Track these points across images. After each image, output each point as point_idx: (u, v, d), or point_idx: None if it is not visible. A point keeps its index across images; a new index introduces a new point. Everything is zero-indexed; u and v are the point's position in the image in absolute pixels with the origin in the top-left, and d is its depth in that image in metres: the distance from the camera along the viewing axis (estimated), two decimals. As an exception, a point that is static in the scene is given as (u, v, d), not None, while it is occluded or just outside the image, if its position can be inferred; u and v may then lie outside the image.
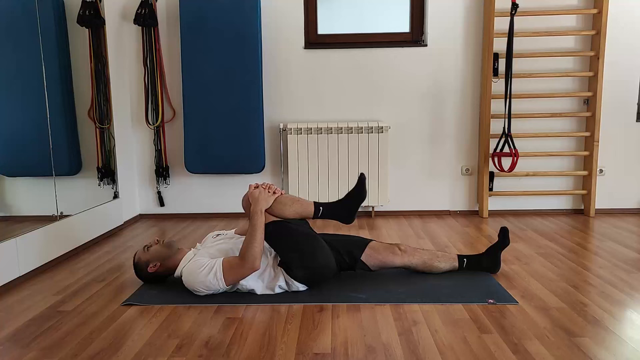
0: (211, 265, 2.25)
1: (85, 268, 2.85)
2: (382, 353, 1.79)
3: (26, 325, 2.09)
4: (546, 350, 1.78)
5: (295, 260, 2.32)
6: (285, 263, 2.34)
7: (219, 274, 2.23)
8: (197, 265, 2.28)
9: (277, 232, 2.35)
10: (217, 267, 2.24)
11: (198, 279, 2.25)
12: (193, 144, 3.85)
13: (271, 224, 2.35)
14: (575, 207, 4.06)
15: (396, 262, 2.53)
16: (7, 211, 2.83)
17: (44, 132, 2.93)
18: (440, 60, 3.92)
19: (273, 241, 2.36)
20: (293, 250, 2.33)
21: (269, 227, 2.34)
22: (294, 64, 3.95)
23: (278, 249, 2.37)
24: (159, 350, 1.84)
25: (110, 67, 3.61)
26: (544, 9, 3.79)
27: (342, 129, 3.86)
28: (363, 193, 2.50)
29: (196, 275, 2.26)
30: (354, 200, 2.51)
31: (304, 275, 2.33)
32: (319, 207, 2.47)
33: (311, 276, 2.35)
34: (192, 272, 2.28)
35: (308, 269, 2.33)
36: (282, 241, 2.36)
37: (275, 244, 2.37)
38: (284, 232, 2.36)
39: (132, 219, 3.99)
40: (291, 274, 2.32)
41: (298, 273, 2.32)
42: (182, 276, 2.33)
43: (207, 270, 2.24)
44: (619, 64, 3.86)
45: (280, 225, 2.36)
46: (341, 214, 2.51)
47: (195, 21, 3.73)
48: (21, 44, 2.86)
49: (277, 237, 2.35)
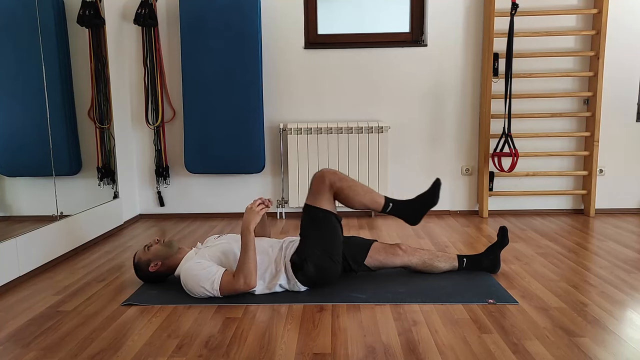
0: (212, 273, 2.25)
1: (85, 268, 2.85)
2: (382, 353, 1.79)
3: (26, 325, 2.09)
4: (546, 350, 1.78)
5: (315, 257, 2.30)
6: (301, 256, 2.31)
7: (216, 285, 2.23)
8: (197, 268, 2.27)
9: (320, 222, 2.34)
10: (216, 278, 2.23)
11: (195, 282, 2.25)
12: (193, 144, 3.85)
13: (321, 212, 2.34)
14: (575, 207, 4.06)
15: (397, 262, 2.53)
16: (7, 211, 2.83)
17: (44, 132, 2.93)
18: (440, 60, 3.92)
19: (312, 227, 2.35)
20: (320, 246, 2.32)
21: (318, 214, 2.33)
22: (294, 64, 3.95)
23: (308, 237, 2.35)
24: (159, 350, 1.84)
25: (110, 67, 3.61)
26: (544, 9, 3.79)
27: (342, 129, 3.86)
28: (435, 199, 2.48)
29: (194, 279, 2.26)
30: (424, 203, 2.49)
31: (313, 275, 2.31)
32: (389, 202, 2.45)
33: (319, 278, 2.34)
34: (191, 275, 2.27)
35: (322, 270, 2.32)
36: (319, 233, 2.34)
37: (309, 231, 2.35)
38: (327, 227, 2.34)
39: (132, 219, 3.99)
40: (300, 270, 2.31)
41: (309, 269, 2.30)
42: (181, 275, 2.33)
43: (205, 276, 2.24)
44: (619, 63, 3.86)
45: (329, 219, 2.35)
46: (408, 214, 2.49)
47: (195, 21, 3.73)
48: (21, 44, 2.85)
49: (317, 226, 2.34)
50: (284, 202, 4.05)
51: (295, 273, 2.32)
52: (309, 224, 2.38)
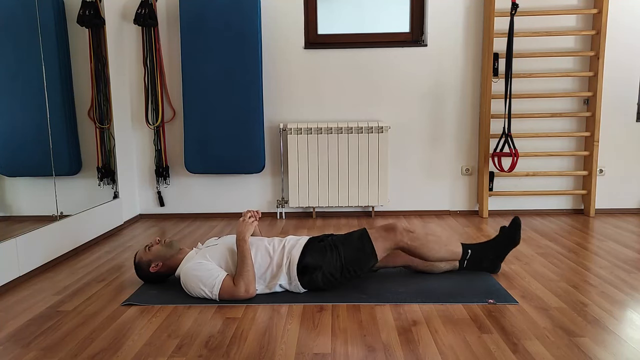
0: (213, 276, 2.25)
1: (85, 268, 2.85)
2: (382, 353, 1.79)
3: (26, 325, 2.09)
4: (546, 350, 1.78)
5: (331, 271, 2.30)
6: (317, 263, 2.29)
7: (216, 289, 2.23)
8: (199, 269, 2.28)
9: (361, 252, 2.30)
10: (217, 282, 2.24)
11: (196, 283, 2.26)
12: (193, 144, 3.85)
13: (370, 248, 2.29)
14: (575, 207, 4.06)
15: (397, 262, 2.54)
16: (7, 211, 2.83)
17: (44, 132, 2.93)
18: (440, 60, 3.92)
19: (352, 248, 2.31)
20: (344, 267, 2.30)
21: (367, 247, 2.29)
22: (294, 64, 3.95)
23: (339, 252, 2.31)
24: (159, 350, 1.84)
25: (110, 67, 3.61)
26: (544, 9, 3.79)
27: (342, 129, 3.86)
28: (517, 237, 2.48)
29: (195, 280, 2.26)
30: (505, 244, 2.49)
31: (319, 284, 2.31)
32: (468, 249, 2.46)
33: (321, 287, 2.33)
34: (192, 276, 2.28)
35: (329, 283, 2.33)
36: (353, 257, 2.31)
37: (347, 249, 2.32)
38: (364, 259, 2.31)
39: (132, 219, 3.99)
40: (307, 275, 2.30)
41: (317, 278, 2.30)
42: (181, 275, 2.33)
43: (206, 278, 2.24)
44: (619, 63, 3.86)
45: (369, 258, 2.30)
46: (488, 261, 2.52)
47: (195, 21, 3.73)
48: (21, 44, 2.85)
49: (356, 253, 2.30)
50: (284, 202, 4.05)
51: (301, 274, 2.31)
52: (352, 244, 2.34)
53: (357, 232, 2.38)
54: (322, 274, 2.30)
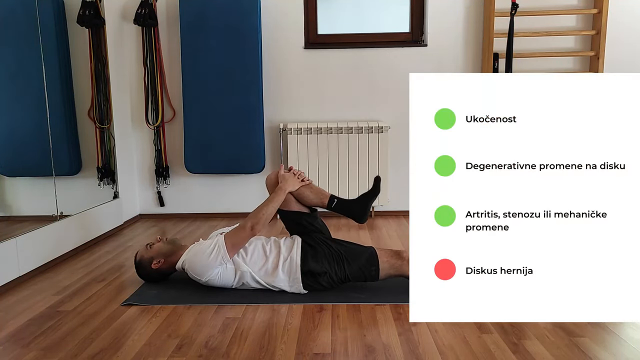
0: (214, 242, 2.29)
1: (85, 268, 2.85)
2: (382, 353, 1.79)
3: (26, 325, 2.09)
4: (546, 350, 1.78)
5: (336, 277, 2.32)
6: (322, 268, 2.30)
7: (223, 249, 2.26)
8: (201, 247, 2.32)
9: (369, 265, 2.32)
10: (220, 243, 2.28)
11: (203, 259, 2.28)
12: (193, 144, 3.85)
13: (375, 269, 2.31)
14: (575, 207, 4.05)
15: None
16: (7, 211, 2.84)
17: (44, 132, 2.93)
18: (440, 60, 3.91)
19: (363, 263, 2.32)
20: (348, 272, 2.32)
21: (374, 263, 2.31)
22: (294, 64, 3.95)
23: (349, 262, 2.32)
24: (159, 350, 1.84)
25: (110, 67, 3.61)
26: (544, 9, 3.78)
27: (342, 129, 3.86)
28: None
29: (201, 256, 2.29)
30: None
31: (322, 287, 2.33)
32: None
33: (322, 289, 2.34)
34: (194, 252, 2.33)
35: (331, 285, 2.34)
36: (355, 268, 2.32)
37: (358, 260, 2.33)
38: (368, 270, 2.32)
39: (132, 219, 3.99)
40: (312, 278, 2.30)
41: (322, 282, 2.31)
42: (185, 261, 2.35)
43: (211, 249, 2.28)
44: (619, 63, 3.85)
45: (371, 267, 2.32)
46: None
47: (195, 21, 3.73)
48: (21, 44, 2.86)
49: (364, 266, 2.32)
50: (284, 202, 4.04)
51: (305, 276, 2.30)
52: (360, 263, 2.33)
53: (366, 253, 2.36)
54: (327, 280, 2.32)
